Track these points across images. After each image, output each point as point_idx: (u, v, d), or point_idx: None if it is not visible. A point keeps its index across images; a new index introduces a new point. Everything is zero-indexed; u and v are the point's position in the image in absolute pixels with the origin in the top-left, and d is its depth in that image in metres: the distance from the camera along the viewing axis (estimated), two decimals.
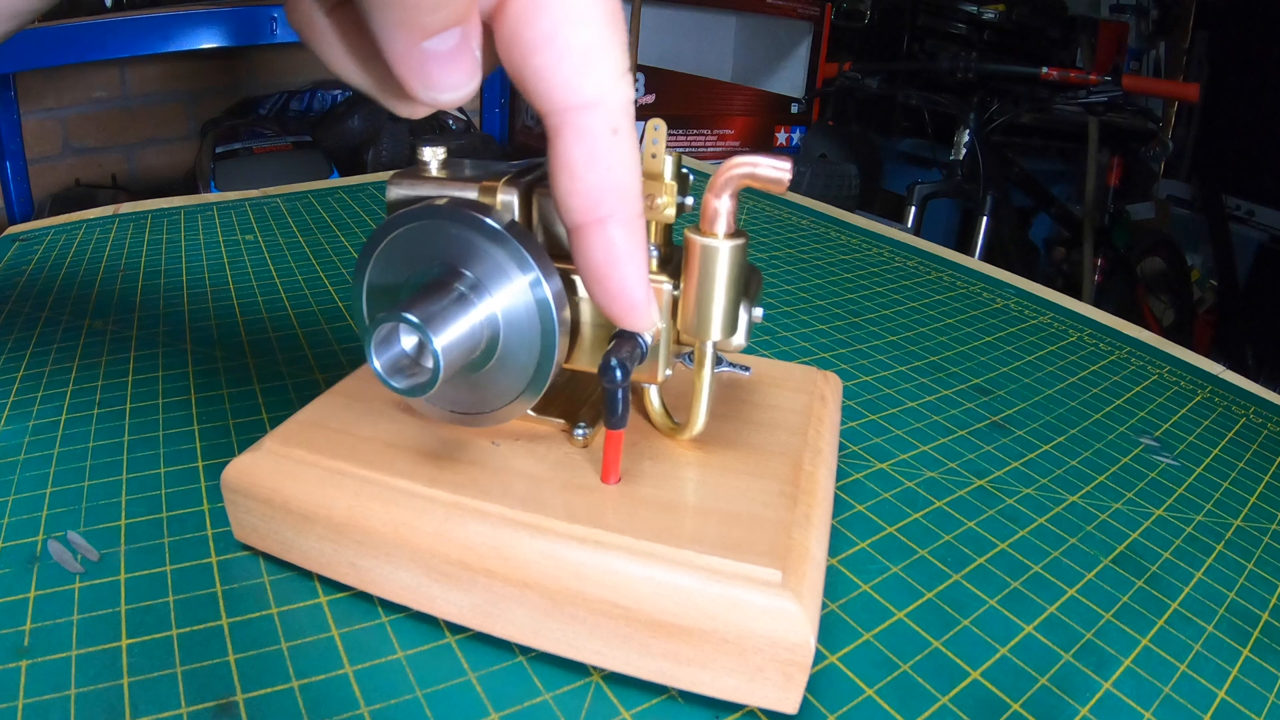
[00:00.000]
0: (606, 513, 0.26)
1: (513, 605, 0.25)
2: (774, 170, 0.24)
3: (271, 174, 1.26)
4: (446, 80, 0.19)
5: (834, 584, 0.30)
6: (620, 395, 0.25)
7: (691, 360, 0.28)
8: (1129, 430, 0.44)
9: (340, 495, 0.27)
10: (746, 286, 0.27)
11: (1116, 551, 0.34)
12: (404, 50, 0.19)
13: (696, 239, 0.25)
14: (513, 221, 0.26)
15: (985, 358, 0.51)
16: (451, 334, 0.24)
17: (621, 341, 0.26)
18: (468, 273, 0.26)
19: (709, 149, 1.93)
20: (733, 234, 0.25)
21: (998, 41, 2.11)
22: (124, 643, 0.25)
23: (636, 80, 1.69)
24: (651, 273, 0.27)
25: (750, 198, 0.82)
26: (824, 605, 0.29)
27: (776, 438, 0.30)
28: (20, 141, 1.36)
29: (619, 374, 0.25)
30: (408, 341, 0.25)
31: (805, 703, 0.25)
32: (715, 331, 0.26)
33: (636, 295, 0.22)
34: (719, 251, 0.25)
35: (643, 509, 0.26)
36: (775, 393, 0.33)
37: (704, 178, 0.26)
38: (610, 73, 0.20)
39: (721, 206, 0.25)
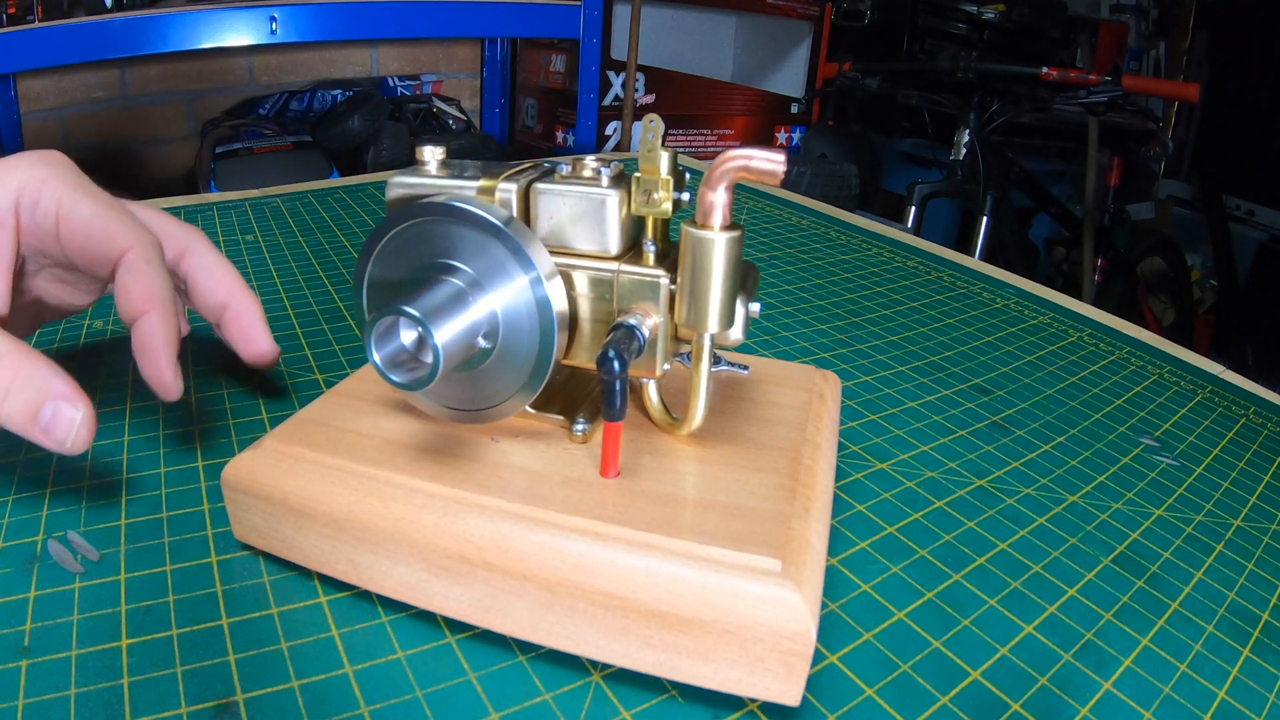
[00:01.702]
0: (606, 505, 0.26)
1: (512, 599, 0.25)
2: (768, 163, 0.24)
3: (271, 174, 1.26)
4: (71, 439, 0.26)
5: (834, 584, 0.30)
6: (618, 387, 0.25)
7: (690, 359, 0.28)
8: (1129, 430, 0.44)
9: (340, 491, 0.27)
10: (744, 281, 0.27)
11: (1116, 551, 0.34)
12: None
13: (692, 231, 0.25)
14: (511, 218, 0.26)
15: (985, 358, 0.51)
16: (451, 329, 0.24)
17: (619, 334, 0.26)
18: (467, 269, 0.26)
19: (709, 149, 1.93)
20: (728, 226, 0.25)
21: (998, 41, 2.11)
22: (124, 643, 0.25)
23: (637, 80, 1.69)
24: (649, 266, 0.27)
25: (751, 198, 0.82)
26: (824, 605, 0.29)
27: (775, 433, 0.30)
28: (20, 141, 1.36)
29: (616, 365, 0.25)
30: (407, 336, 0.25)
31: (805, 702, 0.25)
32: (712, 324, 0.26)
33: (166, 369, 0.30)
34: (715, 243, 0.25)
35: (642, 501, 0.26)
36: (774, 390, 0.33)
37: (702, 177, 0.26)
38: (131, 228, 0.30)
39: (717, 199, 0.25)
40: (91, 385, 0.40)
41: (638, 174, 0.26)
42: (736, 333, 0.27)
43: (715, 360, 0.29)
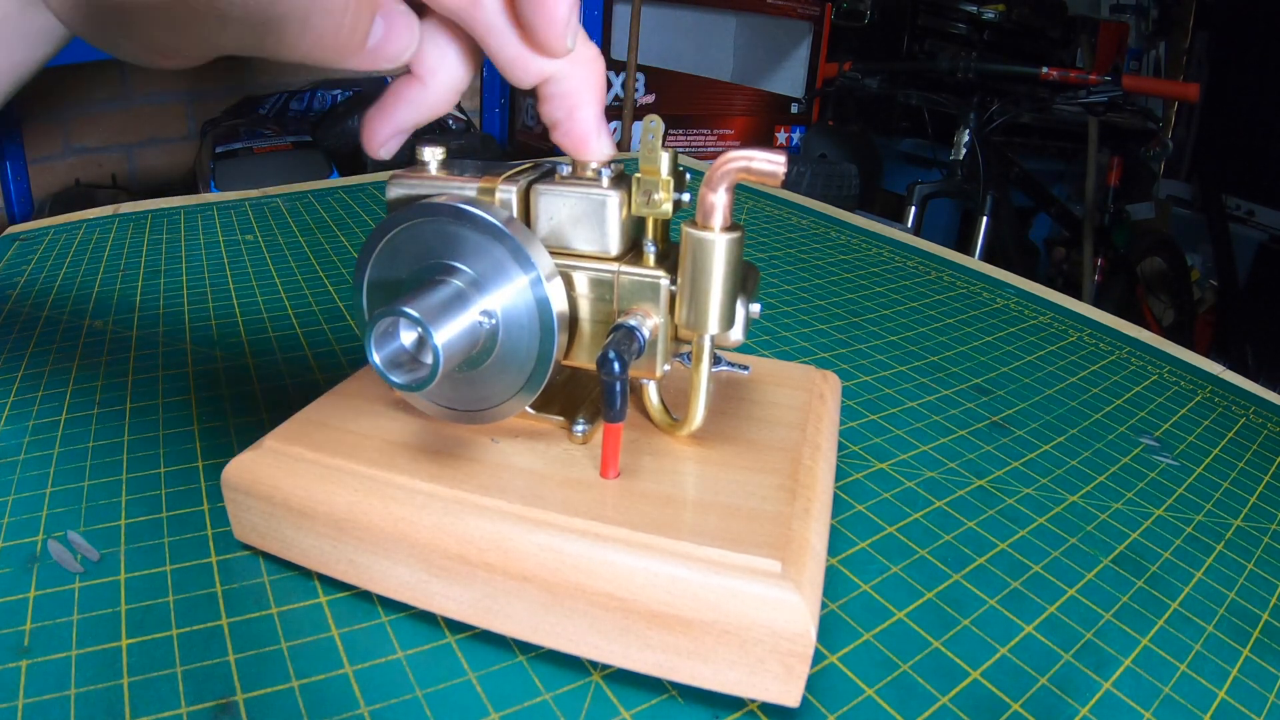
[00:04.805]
0: (606, 506, 0.26)
1: (512, 599, 0.25)
2: (769, 164, 0.24)
3: (271, 174, 1.26)
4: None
5: (834, 584, 0.30)
6: (618, 388, 0.25)
7: (690, 360, 0.28)
8: (1129, 430, 0.44)
9: (340, 491, 0.27)
10: (744, 282, 0.27)
11: (1116, 551, 0.34)
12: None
13: (693, 232, 0.25)
14: (511, 218, 0.26)
15: (985, 358, 0.51)
16: (451, 329, 0.24)
17: (619, 335, 0.26)
18: (467, 269, 0.26)
19: (709, 149, 1.93)
20: (729, 227, 0.25)
21: (998, 41, 2.11)
22: (124, 643, 0.25)
23: (637, 80, 1.68)
24: (649, 267, 0.27)
25: (751, 198, 0.82)
26: (824, 605, 0.29)
27: (775, 434, 0.30)
28: (20, 141, 1.36)
29: (617, 366, 0.25)
30: (407, 337, 0.25)
31: (805, 702, 0.25)
32: (713, 325, 0.26)
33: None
34: (715, 244, 0.25)
35: (642, 503, 0.26)
36: (774, 391, 0.33)
37: (703, 177, 0.26)
38: None
39: (718, 200, 0.25)
40: (91, 385, 0.40)
41: (638, 174, 0.26)
42: (736, 333, 0.27)
43: (715, 361, 0.29)
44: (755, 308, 0.28)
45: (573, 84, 0.24)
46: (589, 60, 0.25)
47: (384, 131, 0.26)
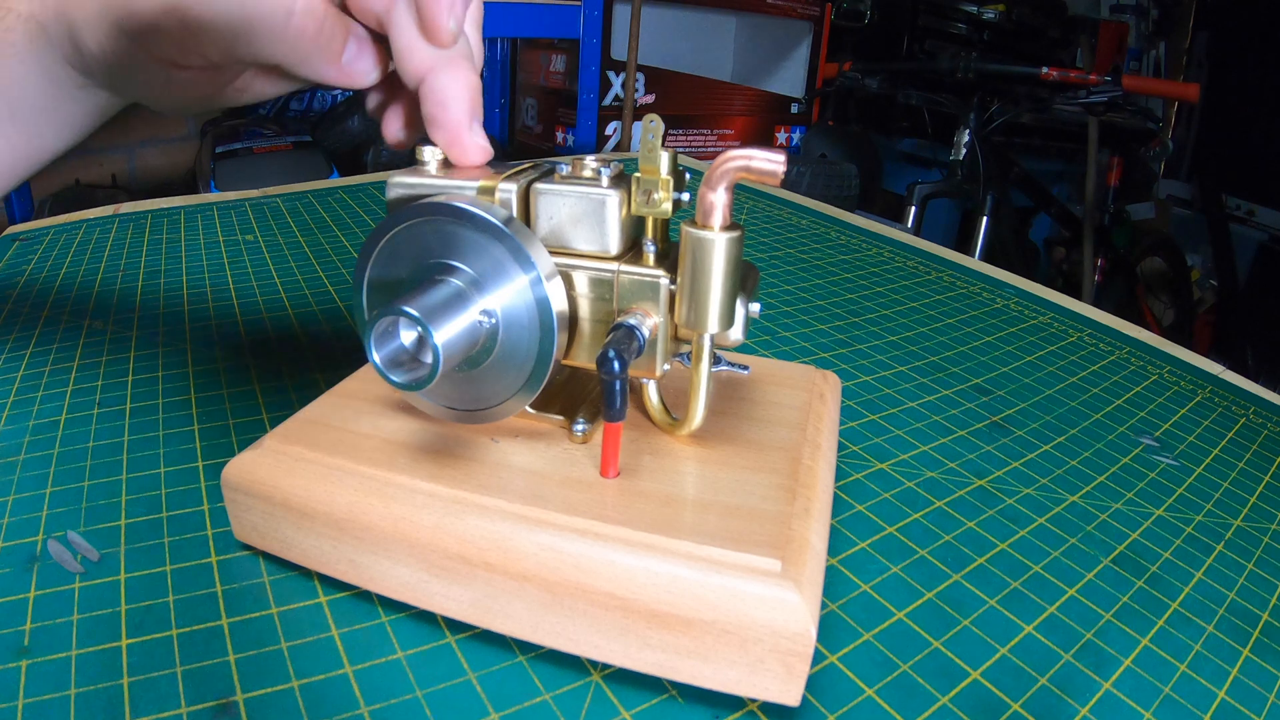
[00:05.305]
0: (606, 506, 0.26)
1: (512, 599, 0.25)
2: (768, 163, 0.24)
3: (271, 174, 1.26)
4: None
5: (834, 584, 0.30)
6: (618, 387, 0.25)
7: (690, 359, 0.28)
8: (1129, 430, 0.44)
9: (340, 491, 0.27)
10: (744, 282, 0.27)
11: (1116, 551, 0.34)
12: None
13: (692, 232, 0.25)
14: (511, 218, 0.26)
15: (985, 358, 0.51)
16: (451, 329, 0.24)
17: (619, 334, 0.26)
18: (467, 269, 0.26)
19: (709, 149, 1.93)
20: (728, 227, 0.25)
21: (998, 41, 2.11)
22: (124, 643, 0.25)
23: (637, 80, 1.68)
24: (648, 266, 0.27)
25: (751, 198, 0.82)
26: (824, 605, 0.29)
27: (775, 433, 0.30)
28: None
29: (617, 365, 0.25)
30: (407, 336, 0.25)
31: (805, 702, 0.25)
32: (712, 324, 0.26)
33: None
34: (715, 244, 0.25)
35: (642, 502, 0.26)
36: (774, 390, 0.33)
37: (702, 177, 0.26)
38: None
39: (717, 200, 0.25)
40: (91, 385, 0.40)
41: (638, 174, 0.26)
42: (736, 333, 0.27)
43: (715, 360, 0.29)
44: (755, 307, 0.28)
45: (446, 82, 0.27)
46: (464, 67, 0.28)
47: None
